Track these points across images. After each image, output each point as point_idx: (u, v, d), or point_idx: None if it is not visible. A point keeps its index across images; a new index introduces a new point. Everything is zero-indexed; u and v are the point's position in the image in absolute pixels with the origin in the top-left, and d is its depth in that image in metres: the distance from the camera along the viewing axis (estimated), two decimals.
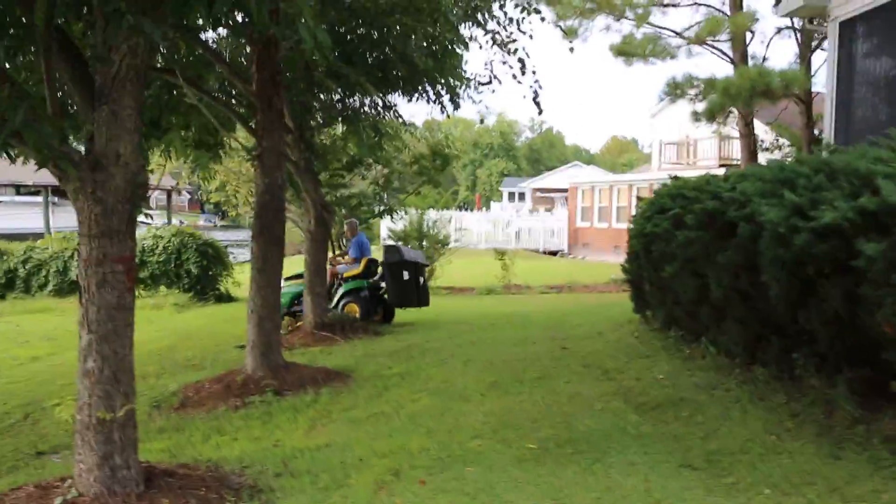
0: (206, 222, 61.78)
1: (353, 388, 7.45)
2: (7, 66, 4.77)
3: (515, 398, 6.41)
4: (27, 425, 7.17)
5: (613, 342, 8.34)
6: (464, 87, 10.79)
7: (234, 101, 9.97)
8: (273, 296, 7.86)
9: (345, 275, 12.27)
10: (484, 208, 53.58)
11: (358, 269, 12.27)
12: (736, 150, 27.28)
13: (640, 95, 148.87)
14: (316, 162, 11.42)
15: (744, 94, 14.29)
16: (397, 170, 14.70)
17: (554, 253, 33.59)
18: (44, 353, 11.26)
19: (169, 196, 39.64)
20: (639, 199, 9.70)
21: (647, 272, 8.30)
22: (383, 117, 11.96)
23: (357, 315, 11.76)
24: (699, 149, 29.36)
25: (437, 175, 14.93)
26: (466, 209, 47.70)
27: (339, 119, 11.62)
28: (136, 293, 4.91)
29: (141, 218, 5.11)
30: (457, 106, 11.24)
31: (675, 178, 8.95)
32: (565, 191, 51.19)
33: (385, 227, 20.53)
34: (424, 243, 19.96)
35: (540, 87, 9.01)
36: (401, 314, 12.78)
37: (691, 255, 6.91)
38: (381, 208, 14.89)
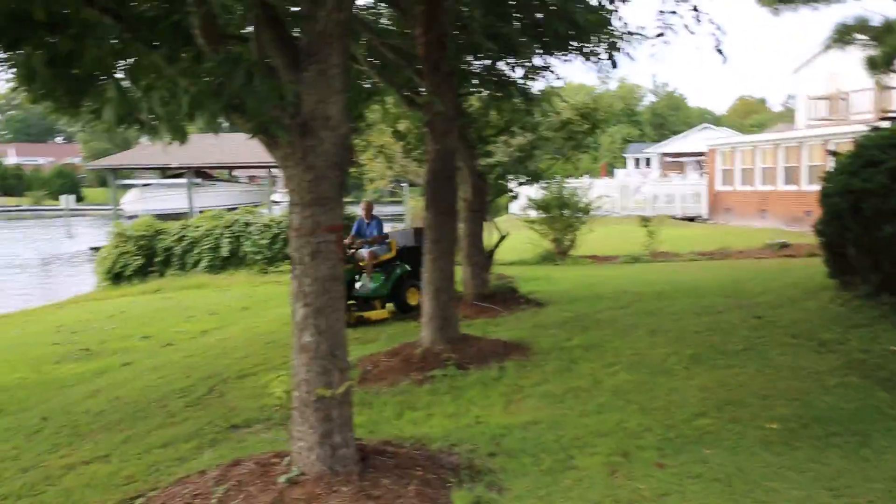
0: None
1: (536, 362, 7.09)
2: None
3: (727, 372, 5.87)
4: (213, 398, 7.20)
5: (816, 311, 7.62)
6: (625, 42, 10.17)
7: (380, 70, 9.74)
8: (448, 267, 7.58)
9: (381, 258, 10.70)
10: (608, 176, 52.19)
11: (391, 253, 10.88)
12: None
13: (770, 54, 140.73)
14: (469, 129, 11.08)
15: None
16: (543, 135, 14.16)
17: (691, 219, 32.15)
18: (210, 328, 11.49)
19: None
20: (833, 153, 8.84)
21: (854, 233, 7.51)
22: (532, 80, 11.48)
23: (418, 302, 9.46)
24: (852, 102, 27.25)
25: (585, 140, 14.33)
26: (589, 177, 46.49)
27: (492, 83, 11.20)
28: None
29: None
30: (614, 64, 10.63)
31: (876, 128, 8.08)
32: (697, 154, 49.11)
33: (525, 196, 20.01)
34: (565, 212, 19.39)
35: (723, 32, 8.26)
36: (545, 285, 12.38)
37: None
38: (526, 178, 14.43)
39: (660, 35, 9.22)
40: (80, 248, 34.44)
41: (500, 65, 11.16)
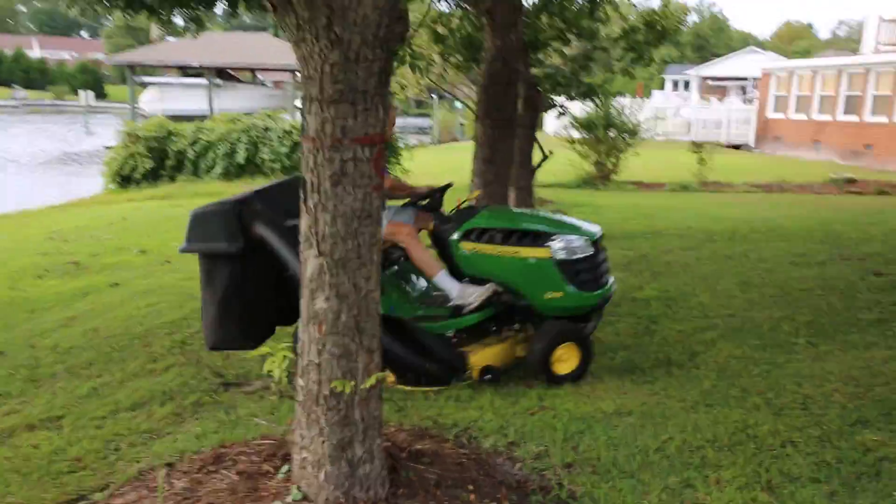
0: None
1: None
2: None
3: (868, 354, 4.49)
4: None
5: None
6: None
7: None
8: (503, 192, 6.17)
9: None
10: (644, 97, 49.77)
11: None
12: None
13: None
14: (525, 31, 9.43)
15: None
16: (601, 45, 12.44)
17: (737, 146, 30.19)
18: None
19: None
20: None
21: None
22: None
23: None
24: None
25: (649, 51, 12.60)
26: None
27: None
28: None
29: None
30: None
31: None
32: (741, 79, 46.63)
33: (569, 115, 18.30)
34: (611, 133, 17.77)
35: None
36: (590, 214, 10.87)
37: None
38: (579, 90, 12.77)
39: None
40: (94, 147, 33.16)
41: None
